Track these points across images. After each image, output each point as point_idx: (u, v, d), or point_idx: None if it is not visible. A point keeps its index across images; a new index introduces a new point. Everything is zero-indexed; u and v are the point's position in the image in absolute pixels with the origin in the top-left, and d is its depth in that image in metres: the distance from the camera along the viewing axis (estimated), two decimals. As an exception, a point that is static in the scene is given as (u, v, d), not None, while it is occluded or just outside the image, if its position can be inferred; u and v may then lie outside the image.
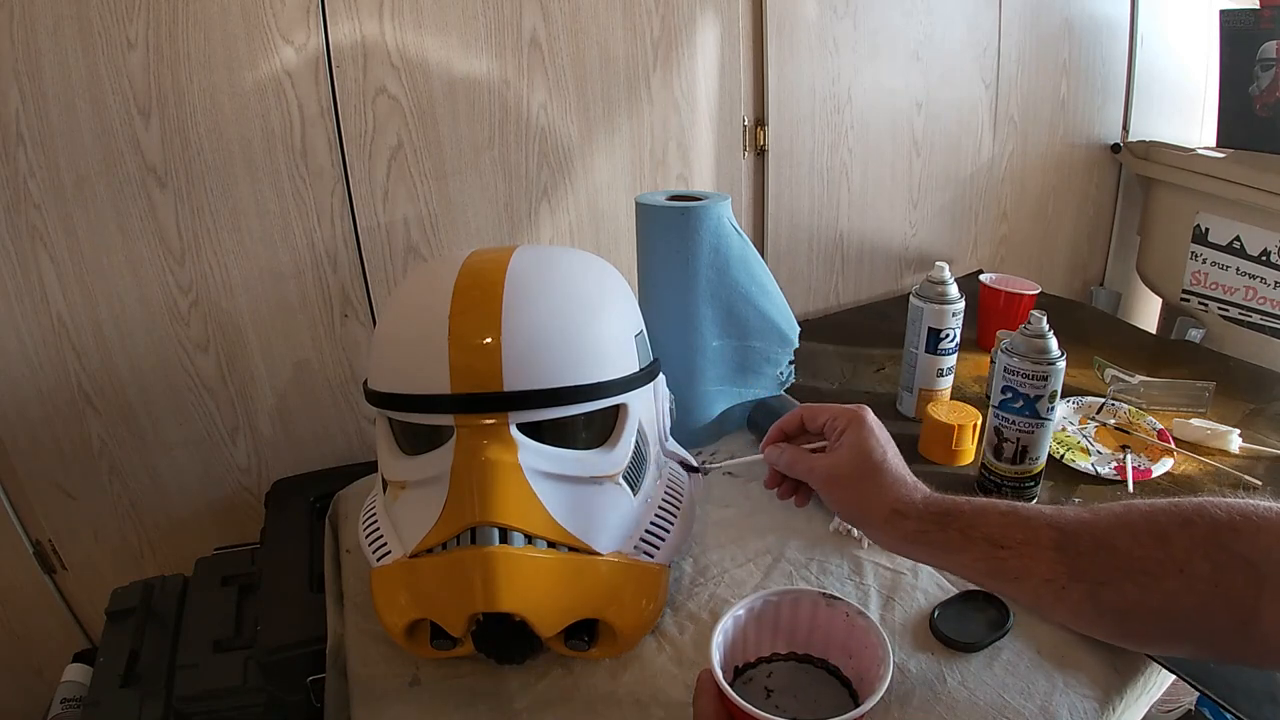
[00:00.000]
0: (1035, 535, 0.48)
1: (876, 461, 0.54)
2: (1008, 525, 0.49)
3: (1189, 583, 0.42)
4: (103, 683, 0.76)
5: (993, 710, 0.55)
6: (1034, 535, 0.48)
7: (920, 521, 0.51)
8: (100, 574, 0.96)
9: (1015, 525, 0.49)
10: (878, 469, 0.54)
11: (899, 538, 0.53)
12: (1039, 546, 0.47)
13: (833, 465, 0.56)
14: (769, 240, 1.24)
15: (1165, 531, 0.44)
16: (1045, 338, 0.73)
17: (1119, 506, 0.47)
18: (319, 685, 0.68)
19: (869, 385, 1.06)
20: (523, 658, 0.58)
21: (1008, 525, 0.49)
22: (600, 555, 0.59)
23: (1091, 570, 0.45)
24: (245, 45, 0.85)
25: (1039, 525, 0.48)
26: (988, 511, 0.50)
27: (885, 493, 0.53)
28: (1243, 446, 0.85)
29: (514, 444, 0.57)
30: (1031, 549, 0.47)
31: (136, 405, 0.92)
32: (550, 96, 1.01)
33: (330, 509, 0.85)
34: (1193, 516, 0.43)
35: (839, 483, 0.56)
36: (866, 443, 0.55)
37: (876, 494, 0.53)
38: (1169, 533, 0.44)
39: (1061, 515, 0.48)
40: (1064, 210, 1.53)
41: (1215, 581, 0.42)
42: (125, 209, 0.85)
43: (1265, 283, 1.28)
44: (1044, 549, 0.47)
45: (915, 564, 0.69)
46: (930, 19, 1.24)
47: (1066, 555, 0.46)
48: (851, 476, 0.55)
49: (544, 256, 0.66)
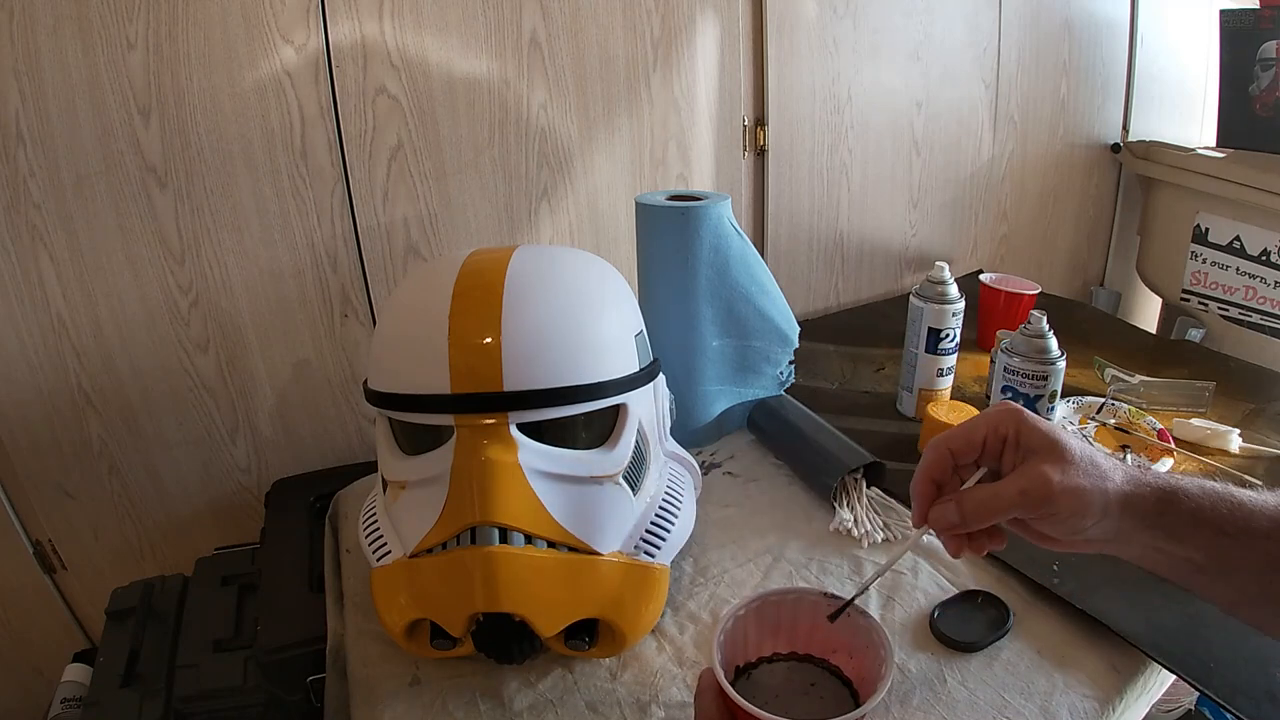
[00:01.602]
0: (1251, 522, 0.43)
1: (1078, 445, 0.45)
2: (1231, 509, 0.43)
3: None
4: (103, 683, 0.76)
5: (993, 710, 0.55)
6: (1250, 522, 0.43)
7: (1154, 499, 0.44)
8: (100, 574, 0.96)
9: (1237, 510, 0.43)
10: (1084, 451, 0.44)
11: (1135, 517, 0.44)
12: (1253, 535, 0.42)
13: (1050, 469, 0.43)
14: (769, 240, 1.24)
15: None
16: (1045, 338, 0.73)
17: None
18: (319, 685, 0.68)
19: (869, 385, 1.06)
20: (523, 658, 0.58)
21: (1231, 509, 0.43)
22: (600, 555, 0.59)
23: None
24: (245, 45, 0.85)
25: (1254, 510, 0.43)
26: (1209, 492, 0.44)
27: (1105, 476, 0.44)
28: (1243, 446, 0.85)
29: (514, 444, 0.57)
30: (1248, 538, 0.43)
31: (136, 405, 0.92)
32: (550, 96, 1.01)
33: (330, 509, 0.85)
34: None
35: (1069, 474, 0.43)
36: (1054, 432, 0.45)
37: (1099, 475, 0.44)
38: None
39: (1265, 499, 0.43)
40: (1064, 210, 1.53)
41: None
42: (125, 209, 0.85)
43: (1265, 283, 1.28)
44: (1256, 538, 0.42)
45: (915, 564, 0.69)
46: (930, 19, 1.24)
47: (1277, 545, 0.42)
48: (1072, 465, 0.44)
49: (544, 256, 0.66)
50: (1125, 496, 0.44)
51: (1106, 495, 0.43)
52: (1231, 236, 1.32)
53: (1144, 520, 0.44)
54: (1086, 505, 0.43)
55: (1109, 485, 0.44)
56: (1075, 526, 0.44)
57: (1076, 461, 0.44)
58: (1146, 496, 0.44)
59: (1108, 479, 0.44)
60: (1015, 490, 0.44)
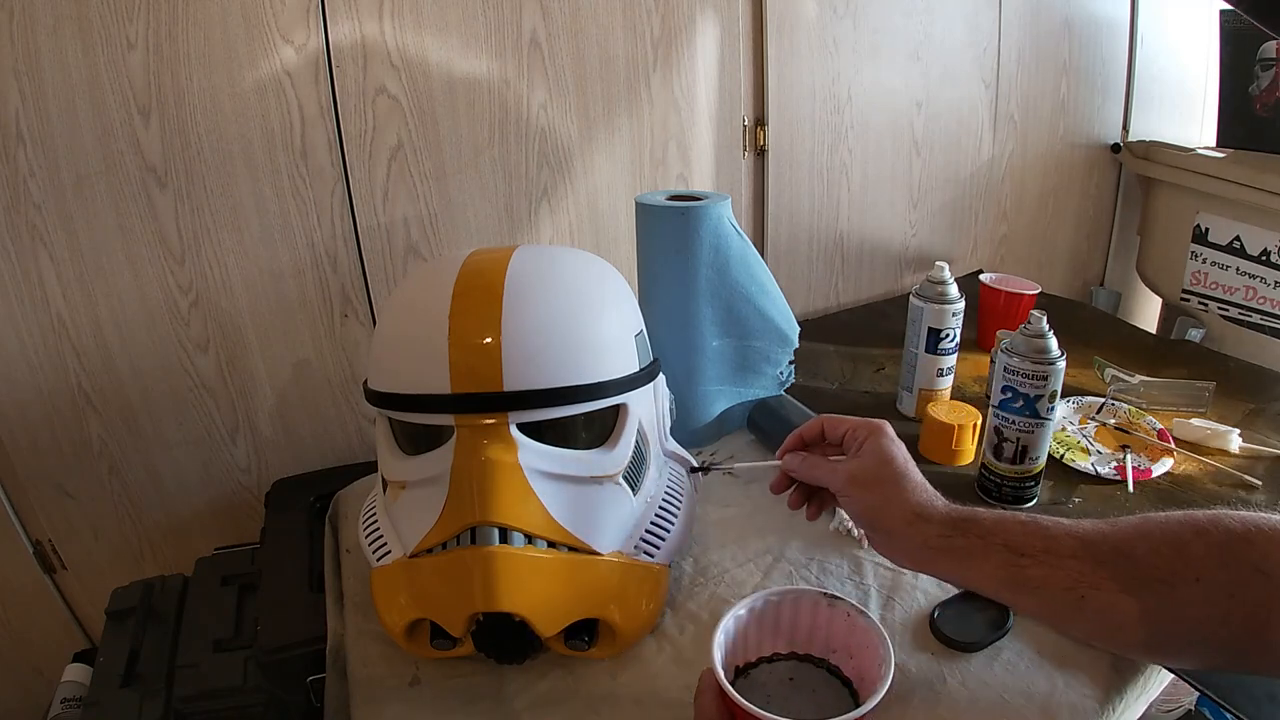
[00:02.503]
0: (1055, 544, 0.48)
1: (899, 467, 0.55)
2: (1028, 534, 0.49)
3: (1205, 592, 0.43)
4: (103, 683, 0.76)
5: (993, 710, 0.55)
6: (1054, 544, 0.48)
7: (942, 526, 0.52)
8: (100, 574, 0.96)
9: (1035, 534, 0.49)
10: (901, 474, 0.55)
11: (919, 543, 0.53)
12: (1059, 555, 0.47)
13: (857, 468, 0.56)
14: (769, 240, 1.24)
15: (1182, 539, 0.44)
16: (1045, 337, 0.73)
17: (1136, 518, 0.48)
18: (319, 685, 0.68)
19: (869, 385, 1.06)
20: (523, 658, 0.58)
21: (1028, 534, 0.49)
22: (600, 555, 0.59)
23: (1109, 581, 0.46)
24: (245, 45, 0.85)
25: (1058, 534, 0.48)
26: (1007, 520, 0.51)
27: (908, 496, 0.54)
28: (1243, 446, 0.85)
29: (514, 444, 0.57)
30: (1052, 557, 0.48)
31: (136, 405, 0.92)
32: (550, 96, 1.01)
33: (330, 509, 0.85)
34: (1208, 527, 0.44)
35: (862, 484, 0.55)
36: (889, 450, 0.56)
37: (899, 497, 0.54)
38: (1185, 540, 0.44)
39: (1079, 525, 0.49)
40: (1064, 210, 1.53)
41: (1230, 591, 0.42)
42: (125, 209, 0.85)
43: (1265, 283, 1.28)
44: (1064, 557, 0.47)
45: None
46: (930, 19, 1.24)
47: (1085, 564, 0.47)
48: (875, 479, 0.55)
49: (544, 256, 0.66)
50: (920, 508, 0.53)
51: (905, 505, 0.53)
52: (1231, 236, 1.32)
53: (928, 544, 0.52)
54: (879, 520, 0.55)
55: (897, 510, 0.54)
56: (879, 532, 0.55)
57: (884, 480, 0.55)
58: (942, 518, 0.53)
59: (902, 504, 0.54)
60: (834, 468, 0.58)
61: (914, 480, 0.55)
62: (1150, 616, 0.45)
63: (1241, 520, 0.43)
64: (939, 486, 0.55)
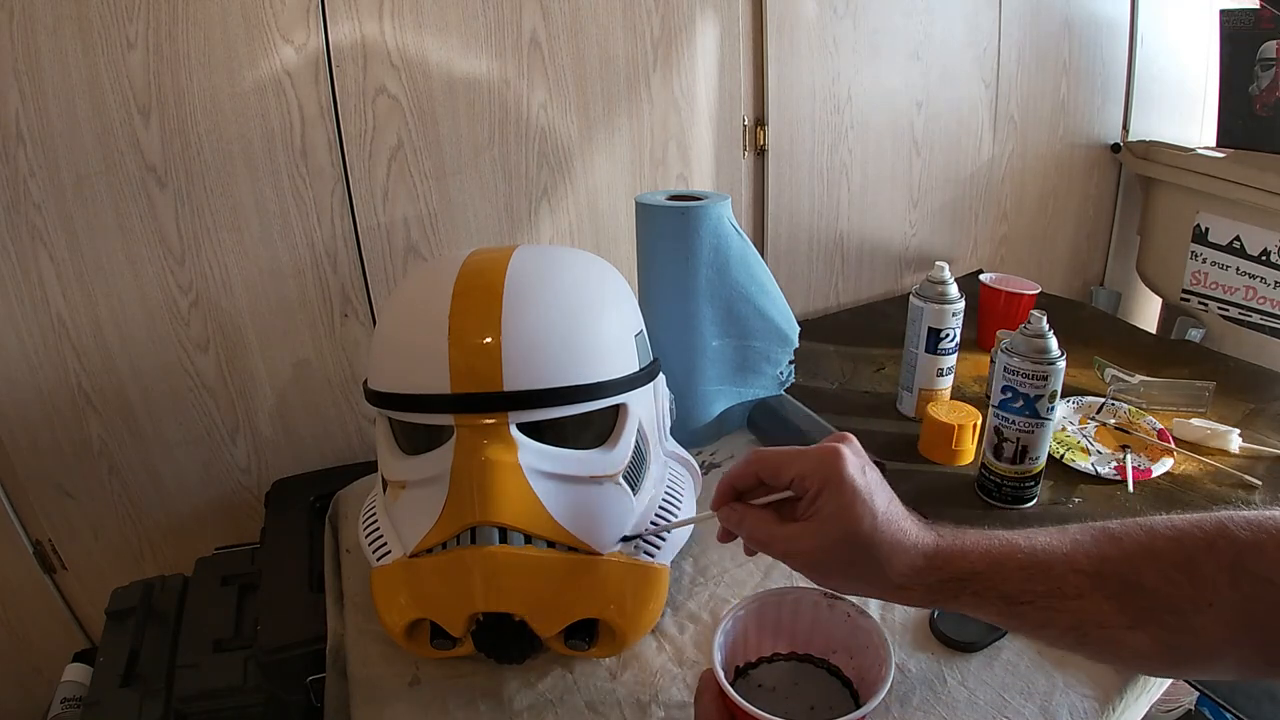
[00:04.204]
0: (1059, 586, 0.44)
1: (866, 535, 0.45)
2: (1028, 578, 0.44)
3: (1219, 614, 0.41)
4: (103, 682, 0.76)
5: (993, 710, 0.55)
6: (1057, 586, 0.44)
7: (927, 591, 0.46)
8: (100, 574, 0.96)
9: (1037, 577, 0.44)
10: (869, 544, 0.45)
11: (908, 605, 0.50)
12: (1063, 597, 0.44)
13: (815, 550, 0.46)
14: (769, 240, 1.24)
15: (1193, 560, 0.42)
16: (1045, 337, 0.73)
17: (1142, 531, 0.44)
18: (319, 685, 0.68)
19: (869, 385, 1.06)
20: (523, 658, 0.58)
21: (1028, 578, 0.44)
22: (600, 555, 0.59)
23: (1118, 616, 0.43)
24: (245, 45, 0.85)
25: (1062, 573, 0.44)
26: (1006, 566, 0.45)
27: (883, 569, 0.45)
28: (1243, 446, 0.85)
29: (514, 444, 0.57)
30: (1055, 600, 0.44)
31: (136, 405, 0.92)
32: (550, 96, 1.01)
33: (330, 509, 0.85)
34: (1216, 539, 0.41)
35: (825, 570, 0.47)
36: (851, 511, 0.45)
37: (873, 574, 0.46)
38: (1196, 562, 0.41)
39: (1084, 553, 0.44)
40: (1064, 210, 1.53)
41: (1244, 610, 0.40)
42: (125, 209, 0.85)
43: (1265, 283, 1.28)
44: (1067, 599, 0.43)
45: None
46: (930, 19, 1.24)
47: (1089, 601, 0.43)
48: (839, 561, 0.46)
49: (544, 256, 0.66)
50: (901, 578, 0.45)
51: (883, 582, 0.46)
52: (1231, 236, 1.32)
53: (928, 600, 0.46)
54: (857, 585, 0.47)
55: (873, 588, 0.47)
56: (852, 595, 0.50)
57: (851, 561, 0.46)
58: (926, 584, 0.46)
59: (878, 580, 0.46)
60: (787, 548, 0.48)
61: (887, 542, 0.45)
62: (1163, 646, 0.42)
63: (1248, 524, 0.41)
64: (939, 487, 0.55)
